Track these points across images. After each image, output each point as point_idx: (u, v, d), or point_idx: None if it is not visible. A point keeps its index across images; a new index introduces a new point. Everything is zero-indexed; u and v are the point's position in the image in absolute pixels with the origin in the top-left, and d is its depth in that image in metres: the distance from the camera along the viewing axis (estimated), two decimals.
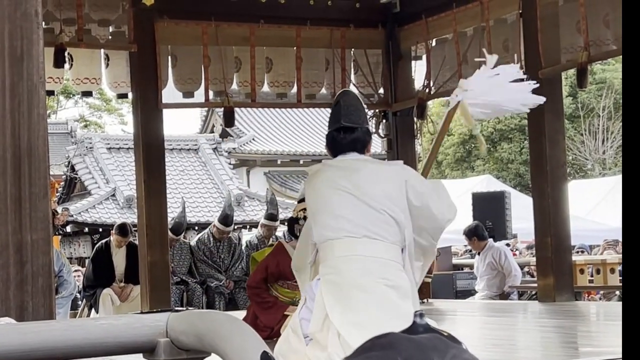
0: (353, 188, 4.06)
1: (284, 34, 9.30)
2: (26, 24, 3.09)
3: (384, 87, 10.01)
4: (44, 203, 3.07)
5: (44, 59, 3.06)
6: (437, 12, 9.39)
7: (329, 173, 4.16)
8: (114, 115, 40.50)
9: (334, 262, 3.94)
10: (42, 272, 3.07)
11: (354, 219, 4.00)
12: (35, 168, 3.09)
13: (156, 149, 8.63)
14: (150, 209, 8.49)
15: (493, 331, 7.16)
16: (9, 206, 3.06)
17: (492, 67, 4.35)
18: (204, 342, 2.12)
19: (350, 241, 3.96)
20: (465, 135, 30.61)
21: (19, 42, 3.08)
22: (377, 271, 3.95)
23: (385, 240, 4.01)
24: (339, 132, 4.19)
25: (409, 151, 10.21)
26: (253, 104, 9.53)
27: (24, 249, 3.06)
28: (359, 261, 3.93)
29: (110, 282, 9.54)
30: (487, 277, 10.34)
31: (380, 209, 4.05)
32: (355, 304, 3.83)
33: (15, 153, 3.07)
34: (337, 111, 4.27)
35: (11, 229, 3.06)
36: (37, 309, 3.05)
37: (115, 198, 22.22)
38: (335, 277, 3.92)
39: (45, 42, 7.88)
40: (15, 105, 3.08)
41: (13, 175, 3.07)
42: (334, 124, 4.24)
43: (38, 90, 3.09)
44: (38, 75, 3.09)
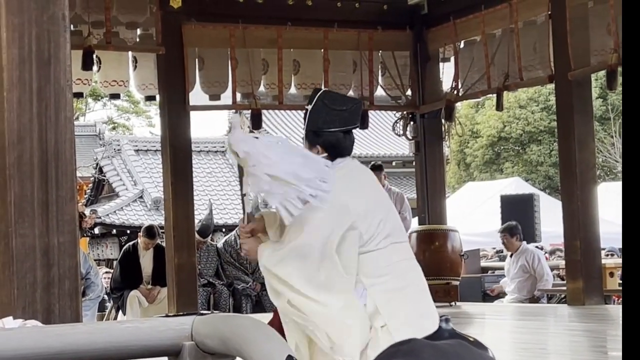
0: (377, 190, 4.03)
1: (312, 36, 9.30)
2: (53, 28, 3.10)
3: (412, 89, 9.98)
4: (70, 206, 3.08)
5: (71, 62, 3.06)
6: (465, 14, 9.35)
7: (361, 177, 4.00)
8: (142, 118, 40.73)
9: (381, 271, 3.83)
10: (69, 275, 3.07)
11: (390, 223, 3.92)
12: (62, 171, 3.09)
13: (183, 151, 8.66)
14: (177, 211, 8.51)
15: (522, 335, 7.12)
16: (36, 209, 3.07)
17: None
18: (228, 345, 2.11)
19: (391, 248, 3.86)
20: (494, 138, 30.46)
21: (46, 46, 3.09)
22: (418, 274, 3.95)
23: (406, 241, 4.07)
24: (346, 134, 3.97)
25: (436, 153, 10.18)
26: (280, 106, 9.54)
27: (50, 252, 3.07)
28: (402, 266, 3.87)
29: (137, 284, 9.57)
30: (518, 280, 10.26)
31: (396, 210, 4.08)
32: (413, 307, 3.79)
33: (42, 156, 3.08)
34: (343, 111, 3.99)
35: (38, 232, 3.07)
36: (63, 312, 3.06)
37: (142, 200, 22.34)
38: (386, 286, 3.80)
39: (74, 44, 7.93)
40: (43, 109, 3.09)
41: (40, 178, 3.08)
42: (342, 125, 3.95)
43: (65, 93, 3.09)
44: (65, 79, 3.10)
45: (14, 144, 3.07)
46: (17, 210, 3.05)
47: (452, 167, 31.68)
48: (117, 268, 9.96)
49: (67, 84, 3.09)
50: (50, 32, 3.11)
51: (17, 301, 3.02)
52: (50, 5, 3.10)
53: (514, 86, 9.30)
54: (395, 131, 10.42)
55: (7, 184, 3.06)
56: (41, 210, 3.08)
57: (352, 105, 4.07)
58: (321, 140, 3.97)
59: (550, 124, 27.09)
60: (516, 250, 10.29)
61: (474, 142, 31.26)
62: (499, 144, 30.69)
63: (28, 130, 3.08)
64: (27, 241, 3.06)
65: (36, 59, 3.09)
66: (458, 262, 9.32)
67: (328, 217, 3.77)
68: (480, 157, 30.97)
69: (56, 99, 3.09)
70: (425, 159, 10.07)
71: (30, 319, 2.95)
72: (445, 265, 9.14)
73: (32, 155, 3.08)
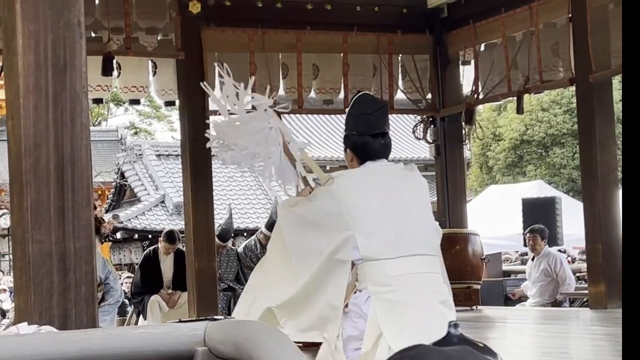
0: (400, 199, 3.95)
1: (331, 40, 9.30)
2: (69, 34, 3.12)
3: (432, 93, 9.95)
4: (86, 212, 3.09)
5: (87, 69, 3.08)
6: (485, 17, 9.32)
7: (371, 181, 3.97)
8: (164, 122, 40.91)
9: (387, 280, 3.83)
10: (85, 280, 3.09)
11: (408, 234, 3.89)
12: (78, 177, 3.11)
13: (203, 156, 8.67)
14: (197, 215, 8.53)
15: (544, 339, 7.08)
16: (52, 215, 3.09)
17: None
18: (241, 351, 2.10)
19: (403, 260, 3.86)
20: (516, 140, 30.34)
21: (61, 52, 3.11)
22: (430, 287, 3.90)
23: (431, 254, 3.96)
24: (375, 137, 4.03)
25: (457, 157, 10.15)
26: (300, 110, 9.55)
27: (67, 258, 3.08)
28: (412, 279, 3.85)
29: (158, 288, 9.59)
30: (540, 284, 10.22)
31: (425, 220, 4.00)
32: (412, 322, 3.77)
33: (59, 162, 3.10)
34: (369, 114, 4.06)
35: (54, 238, 3.08)
36: (80, 317, 3.07)
37: (164, 205, 22.43)
38: (390, 296, 3.82)
39: (94, 50, 8.03)
40: (59, 115, 3.11)
41: (56, 184, 3.10)
42: (368, 128, 4.03)
43: (81, 100, 3.11)
44: (81, 85, 3.12)
45: (30, 150, 3.09)
46: (34, 216, 3.07)
47: (474, 170, 31.59)
48: (137, 273, 9.99)
49: (82, 90, 3.11)
50: (66, 38, 3.12)
51: (34, 306, 3.04)
52: (65, 12, 3.12)
53: (534, 89, 9.26)
54: (416, 135, 10.40)
55: (24, 190, 3.08)
56: (57, 216, 3.09)
57: (378, 109, 4.11)
58: (350, 144, 4.08)
59: (573, 127, 26.92)
60: (539, 253, 10.25)
61: (496, 145, 31.14)
62: (522, 146, 30.56)
63: (44, 137, 3.10)
64: (44, 247, 3.08)
65: (52, 65, 3.10)
66: (479, 266, 9.29)
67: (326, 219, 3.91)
68: (502, 160, 30.85)
69: (72, 105, 3.11)
70: (445, 163, 10.04)
71: (47, 324, 2.97)
72: (466, 269, 9.11)
73: (49, 161, 3.10)
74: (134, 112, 40.62)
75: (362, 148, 4.04)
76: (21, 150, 3.10)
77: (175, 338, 2.21)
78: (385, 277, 3.84)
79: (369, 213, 3.88)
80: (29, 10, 3.10)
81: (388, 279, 3.83)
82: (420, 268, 3.89)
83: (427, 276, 3.90)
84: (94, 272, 3.13)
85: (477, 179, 31.81)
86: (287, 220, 4.11)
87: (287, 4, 9.10)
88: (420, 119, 10.31)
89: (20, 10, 3.08)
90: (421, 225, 3.98)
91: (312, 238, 3.96)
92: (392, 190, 3.96)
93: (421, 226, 3.97)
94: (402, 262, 3.85)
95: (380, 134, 4.06)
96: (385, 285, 3.83)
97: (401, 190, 3.99)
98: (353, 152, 4.07)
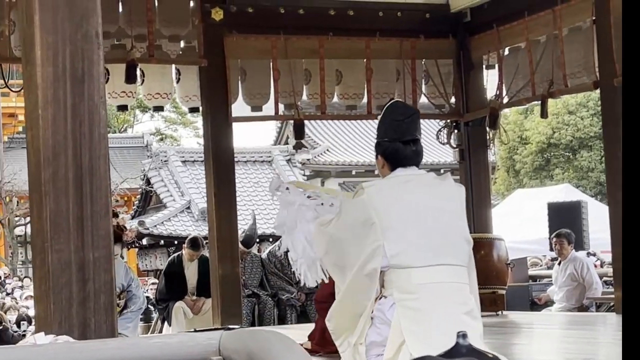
0: (431, 208, 3.94)
1: (354, 46, 9.29)
2: (87, 46, 3.14)
3: (456, 97, 9.92)
4: (105, 221, 3.12)
5: (111, 76, 3.10)
6: (508, 21, 9.28)
7: (401, 190, 3.96)
8: (190, 129, 41.04)
9: (412, 288, 3.84)
10: (104, 290, 3.11)
11: (436, 244, 3.88)
12: (97, 187, 3.13)
13: (226, 162, 8.70)
14: (221, 221, 8.55)
15: (570, 344, 7.03)
16: (71, 225, 3.11)
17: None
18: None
19: (430, 269, 3.85)
20: (543, 144, 30.19)
21: (80, 64, 3.14)
22: (455, 297, 3.89)
23: (458, 264, 3.93)
24: (406, 143, 4.04)
25: (481, 161, 10.10)
26: (323, 116, 9.55)
27: (86, 267, 3.10)
28: (437, 288, 3.85)
29: (182, 295, 9.62)
30: (566, 289, 10.16)
31: (456, 229, 3.96)
32: (435, 331, 3.76)
33: (77, 173, 3.12)
34: (400, 121, 4.07)
35: (73, 248, 3.10)
36: (99, 326, 3.09)
37: (190, 211, 22.49)
38: (414, 304, 3.82)
39: (117, 58, 8.09)
40: (77, 126, 3.13)
41: (75, 194, 3.12)
42: (399, 135, 4.04)
43: (99, 110, 3.13)
44: (99, 96, 3.14)
45: (49, 161, 3.12)
46: (53, 225, 3.09)
47: (501, 173, 31.47)
48: (162, 279, 10.03)
49: (100, 100, 3.13)
50: (84, 50, 3.15)
51: (54, 316, 3.06)
52: (83, 24, 3.14)
53: (558, 93, 9.20)
54: (439, 139, 10.37)
55: (43, 200, 3.10)
56: (76, 226, 3.11)
57: (409, 116, 4.12)
58: (381, 150, 4.09)
59: (601, 130, 26.72)
60: (566, 257, 10.19)
61: (523, 149, 31.00)
62: (549, 150, 30.41)
63: (63, 147, 3.13)
64: (63, 256, 3.10)
65: (70, 76, 3.13)
66: (504, 271, 9.23)
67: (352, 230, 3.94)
68: (529, 163, 30.71)
69: (90, 115, 3.14)
70: (470, 167, 10.00)
71: (67, 333, 2.99)
72: (491, 274, 9.06)
73: (67, 172, 3.12)
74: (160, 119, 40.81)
75: (393, 154, 4.04)
76: (40, 161, 3.12)
77: (191, 348, 2.22)
78: (411, 285, 3.84)
79: (399, 222, 3.87)
80: (47, 22, 3.13)
81: (414, 287, 3.83)
82: (446, 278, 3.88)
83: (453, 286, 3.89)
84: (112, 281, 3.15)
85: (504, 182, 31.67)
86: (320, 241, 4.14)
87: (309, 10, 9.11)
88: (444, 123, 10.28)
89: (39, 22, 3.11)
90: (451, 234, 3.95)
91: (343, 254, 3.99)
92: (423, 199, 3.94)
93: (451, 236, 3.95)
94: (429, 271, 3.85)
95: (411, 140, 4.06)
96: (411, 293, 3.83)
97: (432, 199, 3.97)
98: (384, 158, 4.07)
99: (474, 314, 3.94)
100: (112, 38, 8.25)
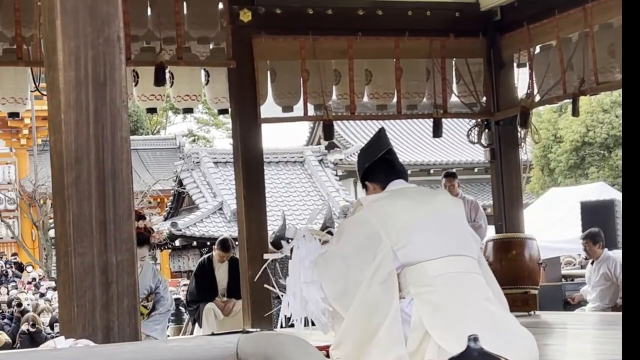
0: (433, 208, 4.07)
1: (383, 46, 9.26)
2: (109, 50, 3.16)
3: (487, 96, 9.86)
4: (128, 225, 3.13)
5: (127, 83, 3.12)
6: (539, 19, 9.20)
7: (400, 197, 4.10)
8: (222, 129, 41.16)
9: (428, 280, 3.90)
10: (127, 293, 3.12)
11: (443, 238, 3.98)
12: (119, 191, 3.14)
13: (255, 163, 8.71)
14: (250, 223, 8.55)
15: (603, 345, 6.96)
16: (94, 229, 3.13)
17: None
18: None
19: (442, 260, 3.93)
20: (577, 142, 29.95)
21: (102, 69, 3.15)
22: (472, 285, 3.95)
23: (469, 255, 4.03)
24: (382, 157, 4.23)
25: (512, 160, 10.03)
26: (353, 116, 9.52)
27: (109, 270, 3.12)
28: (453, 278, 3.92)
29: (213, 296, 9.64)
30: (600, 288, 10.08)
31: (461, 226, 4.09)
32: (458, 320, 3.79)
33: (100, 177, 3.14)
34: (368, 149, 4.35)
35: (96, 251, 3.12)
36: (122, 329, 3.10)
37: (222, 212, 22.57)
38: (431, 296, 3.88)
39: (146, 60, 8.12)
40: (99, 130, 3.15)
41: (98, 198, 3.14)
42: (372, 156, 4.26)
43: (121, 114, 3.15)
44: (121, 100, 3.15)
45: (72, 165, 3.13)
46: (76, 229, 3.11)
47: (535, 172, 31.28)
48: (192, 281, 10.05)
49: (122, 104, 3.15)
50: (105, 54, 3.16)
51: (77, 319, 3.07)
52: (105, 28, 3.15)
53: (590, 91, 9.11)
54: (470, 138, 10.31)
55: (66, 204, 3.12)
56: (99, 230, 3.13)
57: (374, 140, 4.40)
58: (366, 177, 4.27)
59: None
60: (598, 257, 10.10)
61: (557, 147, 30.79)
62: (583, 148, 30.18)
63: (85, 151, 3.14)
64: (86, 260, 3.12)
65: (92, 81, 3.15)
66: (536, 271, 9.18)
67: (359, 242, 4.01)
68: (564, 162, 30.49)
69: (112, 119, 3.15)
70: (501, 167, 9.93)
71: (90, 336, 3.00)
72: (523, 273, 9.01)
73: (90, 176, 3.14)
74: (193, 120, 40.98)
75: (377, 171, 4.22)
76: (63, 165, 3.14)
77: (208, 351, 2.21)
78: (426, 277, 3.91)
79: (403, 223, 3.97)
80: (69, 26, 3.14)
81: (429, 279, 3.90)
82: (459, 268, 3.97)
83: (468, 276, 3.95)
84: (136, 284, 3.16)
85: (538, 181, 31.49)
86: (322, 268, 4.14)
87: (338, 11, 9.09)
88: (475, 122, 10.22)
89: (61, 26, 3.13)
90: (456, 229, 4.08)
91: (349, 271, 4.04)
92: (423, 201, 4.18)
93: (456, 230, 4.07)
94: (441, 262, 3.92)
95: (385, 152, 4.26)
96: (427, 286, 3.90)
97: (432, 201, 4.14)
98: (372, 181, 4.24)
99: (495, 301, 3.99)
100: (141, 41, 8.29)
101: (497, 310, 3.95)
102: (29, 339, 12.85)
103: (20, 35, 7.72)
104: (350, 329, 3.99)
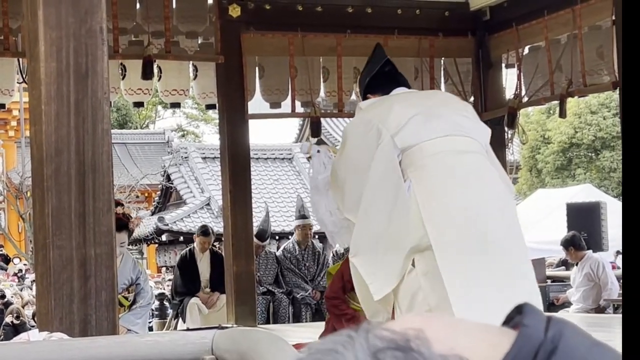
0: (433, 102, 4.17)
1: (372, 44, 9.10)
2: (91, 41, 3.13)
3: (474, 96, 9.85)
4: (107, 218, 3.11)
5: (109, 75, 3.10)
6: (528, 20, 9.20)
7: (399, 97, 4.16)
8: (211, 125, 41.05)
9: (424, 161, 3.95)
10: (106, 286, 3.10)
11: (440, 121, 4.03)
12: (99, 183, 3.12)
13: (242, 159, 8.69)
14: (236, 218, 8.54)
15: None
16: (73, 221, 3.11)
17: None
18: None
19: (440, 139, 3.98)
20: (565, 144, 30.01)
21: (84, 59, 3.13)
22: (472, 165, 4.03)
23: (470, 137, 4.16)
24: (382, 68, 4.34)
25: (499, 160, 10.02)
26: (340, 114, 9.51)
27: (87, 264, 3.10)
28: (449, 156, 3.97)
29: (197, 289, 9.63)
30: (583, 289, 10.10)
31: (462, 112, 4.25)
32: (455, 196, 3.80)
33: (80, 169, 3.12)
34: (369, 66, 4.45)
35: (75, 244, 3.10)
36: (100, 323, 3.08)
37: (209, 207, 22.52)
38: (427, 175, 3.92)
39: (134, 54, 8.09)
40: (80, 122, 3.13)
41: (77, 190, 3.12)
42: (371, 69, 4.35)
43: (102, 106, 3.12)
44: (102, 91, 3.13)
45: (52, 157, 3.11)
46: (55, 222, 3.09)
47: (523, 173, 31.34)
48: (176, 273, 10.04)
49: (104, 96, 3.12)
50: (88, 45, 3.14)
51: (55, 312, 3.05)
52: (88, 19, 3.13)
53: (577, 93, 9.12)
54: None
55: (45, 196, 3.10)
56: (78, 222, 3.11)
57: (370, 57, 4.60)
58: (368, 88, 4.35)
59: None
60: (580, 259, 10.13)
61: (545, 148, 30.85)
62: (571, 150, 30.24)
63: (66, 143, 3.12)
64: (65, 253, 3.10)
65: (74, 72, 3.12)
66: None
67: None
68: (551, 163, 30.54)
69: (93, 111, 3.13)
70: None
71: (68, 330, 2.98)
72: None
73: (70, 168, 3.12)
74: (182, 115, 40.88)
75: (377, 84, 4.30)
76: (43, 157, 3.12)
77: (183, 347, 2.20)
78: (423, 157, 3.89)
79: (399, 112, 3.98)
80: (51, 17, 3.12)
81: (425, 158, 3.89)
82: (459, 147, 3.95)
83: (468, 155, 3.94)
84: (114, 278, 3.14)
85: (526, 182, 31.53)
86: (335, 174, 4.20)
87: (327, 8, 9.07)
88: None
89: (43, 17, 3.11)
90: (456, 114, 4.08)
91: (358, 162, 4.03)
92: (423, 96, 4.25)
93: (456, 115, 4.07)
94: (439, 141, 3.92)
95: (384, 63, 4.40)
96: (423, 166, 3.87)
97: (432, 95, 4.33)
98: (374, 93, 4.29)
99: (506, 180, 4.10)
100: (129, 34, 8.26)
101: (504, 189, 3.98)
102: (13, 330, 12.83)
103: (8, 27, 7.68)
104: (363, 227, 3.92)
